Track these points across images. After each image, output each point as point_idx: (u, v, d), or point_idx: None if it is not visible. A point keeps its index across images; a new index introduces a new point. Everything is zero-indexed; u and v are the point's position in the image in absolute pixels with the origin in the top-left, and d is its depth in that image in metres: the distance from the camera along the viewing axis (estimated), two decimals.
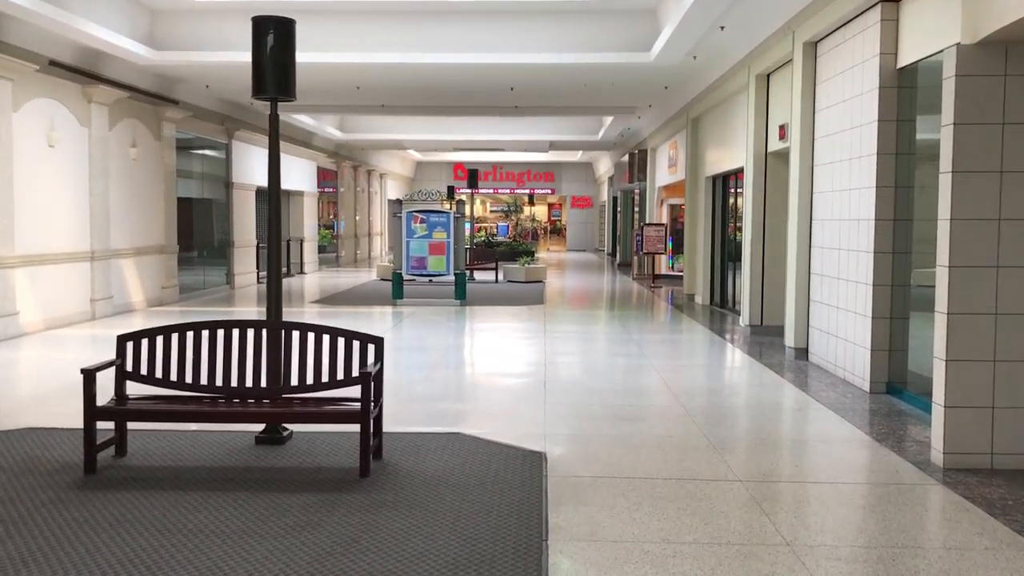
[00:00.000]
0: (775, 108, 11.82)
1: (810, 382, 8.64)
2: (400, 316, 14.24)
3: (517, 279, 21.81)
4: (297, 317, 14.24)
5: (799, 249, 10.03)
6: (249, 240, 20.39)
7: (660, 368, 9.32)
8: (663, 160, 22.40)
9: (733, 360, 10.22)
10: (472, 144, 29.09)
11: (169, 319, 13.73)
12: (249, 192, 20.41)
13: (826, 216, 9.35)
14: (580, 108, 19.98)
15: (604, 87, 16.58)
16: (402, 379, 8.61)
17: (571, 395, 7.86)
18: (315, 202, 26.15)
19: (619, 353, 10.44)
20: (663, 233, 21.63)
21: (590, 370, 9.26)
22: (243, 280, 19.92)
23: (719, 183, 16.09)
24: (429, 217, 15.94)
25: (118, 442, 5.71)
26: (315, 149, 25.77)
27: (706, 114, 16.55)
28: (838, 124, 9.01)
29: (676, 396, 7.84)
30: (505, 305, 16.09)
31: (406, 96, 18.15)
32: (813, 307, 9.74)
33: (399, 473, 5.41)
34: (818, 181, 9.65)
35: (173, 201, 16.28)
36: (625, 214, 29.60)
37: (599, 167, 39.28)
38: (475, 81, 15.98)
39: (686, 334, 12.45)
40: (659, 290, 19.80)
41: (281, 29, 5.87)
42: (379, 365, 5.72)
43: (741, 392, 8.30)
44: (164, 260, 15.98)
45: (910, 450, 6.10)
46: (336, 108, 20.12)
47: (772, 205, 12.13)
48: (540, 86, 16.59)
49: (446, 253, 15.89)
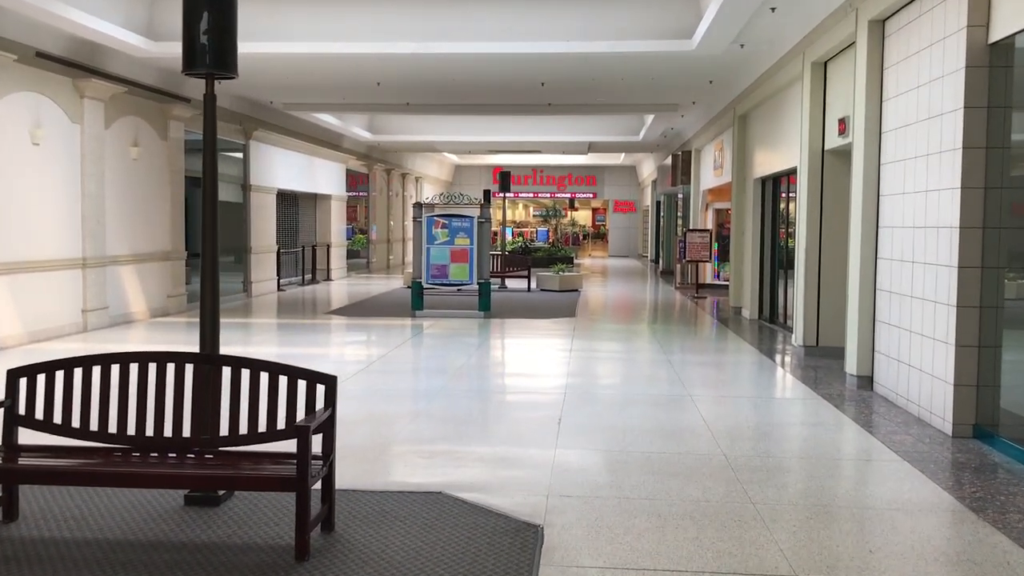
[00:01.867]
0: (833, 100, 10.41)
1: (877, 421, 7.24)
2: (414, 331, 13.07)
3: (551, 288, 20.53)
4: (303, 329, 13.13)
5: (863, 261, 8.61)
6: (268, 246, 19.39)
7: (700, 400, 7.98)
8: (708, 162, 20.96)
9: (785, 390, 8.83)
10: (507, 146, 27.83)
11: (171, 331, 12.72)
12: (269, 195, 19.42)
13: (896, 222, 7.94)
14: (618, 106, 18.64)
15: (642, 82, 15.25)
16: (392, 412, 7.40)
17: (589, 437, 6.57)
18: (342, 206, 25.14)
19: (653, 379, 9.11)
20: (708, 239, 20.20)
21: (616, 403, 7.95)
22: (261, 288, 18.92)
23: (769, 186, 14.66)
24: (451, 222, 14.74)
25: (6, 504, 4.56)
26: (344, 151, 24.77)
27: (754, 110, 15.13)
28: (911, 114, 7.61)
29: (717, 440, 6.51)
30: (532, 318, 14.83)
31: (431, 94, 17.00)
32: (879, 329, 8.32)
33: (349, 555, 4.18)
34: (886, 181, 8.24)
35: (181, 205, 15.30)
36: (668, 219, 28.14)
37: (642, 170, 37.82)
38: (502, 75, 14.77)
39: (731, 355, 11.07)
40: (703, 301, 18.37)
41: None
42: (329, 412, 4.51)
43: (795, 434, 6.93)
44: (170, 267, 15.00)
45: (1017, 526, 4.72)
46: (359, 107, 19.04)
47: (830, 209, 10.71)
48: (573, 80, 15.31)
49: (469, 260, 14.68)
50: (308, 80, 15.40)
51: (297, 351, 10.86)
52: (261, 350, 10.83)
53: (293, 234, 22.67)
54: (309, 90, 16.72)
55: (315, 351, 11.11)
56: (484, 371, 9.64)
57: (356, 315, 15.02)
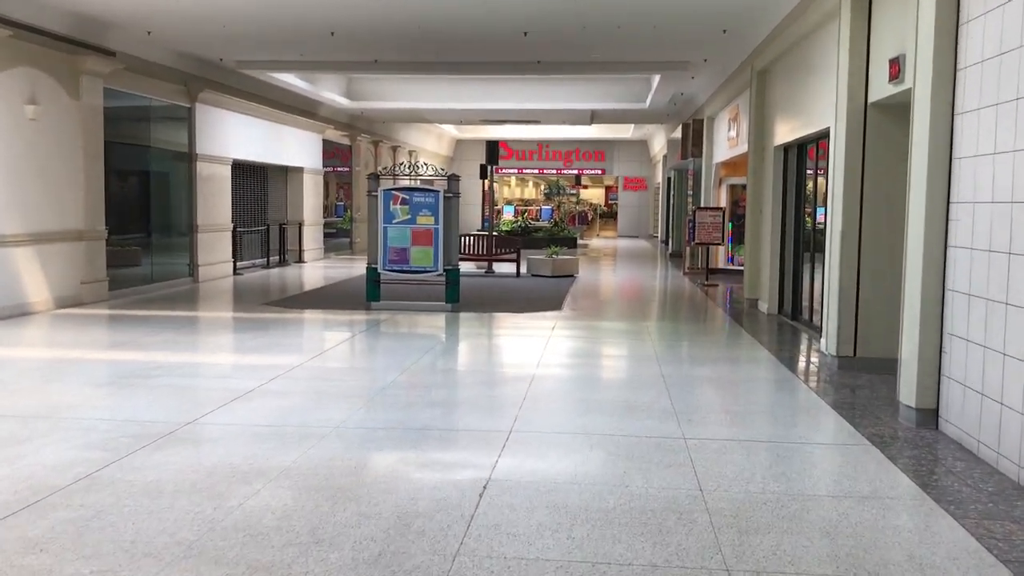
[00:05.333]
0: (882, 35, 7.98)
1: (958, 490, 4.88)
2: (356, 330, 10.78)
3: (542, 273, 18.19)
4: (217, 326, 10.84)
5: (927, 249, 6.22)
6: (220, 223, 17.09)
7: (698, 447, 5.64)
8: (721, 131, 18.48)
9: (817, 428, 6.45)
10: (503, 115, 25.30)
11: (72, 327, 10.48)
12: (221, 166, 17.10)
13: (980, 196, 5.55)
14: (619, 64, 16.16)
15: (643, 32, 12.80)
16: (240, 470, 5.10)
17: (521, 535, 4.26)
18: (318, 180, 22.81)
19: (637, 410, 6.76)
20: (720, 219, 17.76)
21: (578, 454, 5.63)
22: (212, 272, 16.66)
23: (793, 155, 12.22)
24: (412, 197, 12.38)
25: None
26: (322, 120, 22.41)
27: (776, 64, 12.66)
28: (1007, 38, 5.20)
29: (718, 533, 4.17)
30: (509, 311, 12.50)
31: (398, 48, 14.62)
32: (952, 346, 5.95)
33: None
34: (963, 138, 5.84)
35: (99, 176, 12.99)
36: (679, 197, 25.66)
37: (654, 145, 35.27)
38: (476, 22, 12.37)
39: (744, 368, 8.69)
40: (713, 290, 15.98)
41: None
42: None
43: (840, 520, 4.53)
44: (85, 249, 12.72)
45: None
46: (321, 66, 16.64)
47: (874, 180, 8.31)
48: (560, 31, 12.89)
49: (433, 243, 12.32)
50: (253, 29, 13.04)
51: (179, 359, 8.58)
52: (128, 356, 8.56)
53: (260, 211, 20.38)
54: (259, 44, 14.37)
55: (206, 359, 8.80)
56: (412, 395, 7.30)
57: (299, 307, 12.71)
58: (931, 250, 6.18)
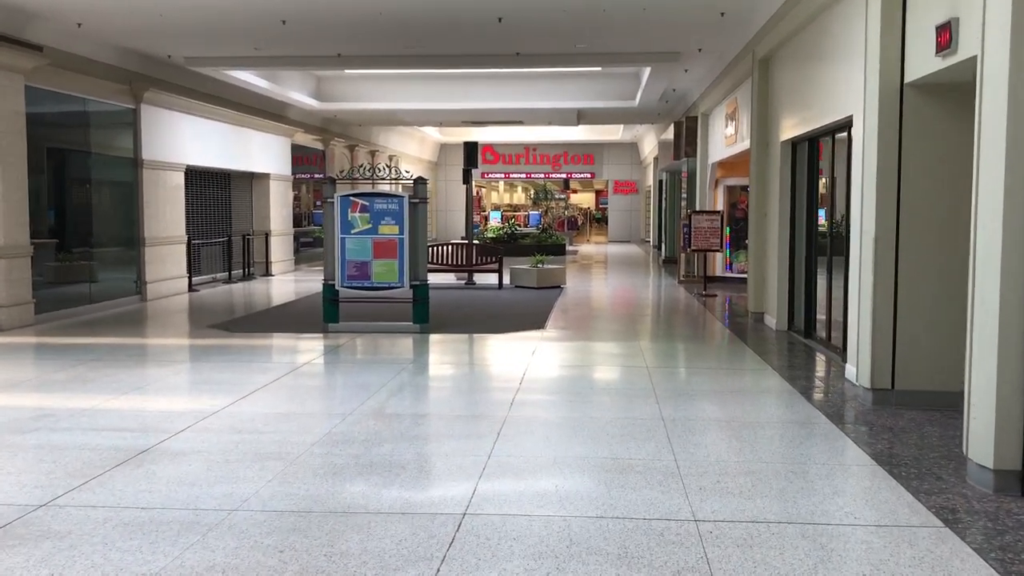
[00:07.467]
0: (921, 1, 6.56)
1: None
2: (304, 358, 9.32)
3: (526, 284, 16.74)
4: (143, 356, 9.26)
5: (1006, 258, 4.79)
6: (172, 236, 15.58)
7: (713, 535, 4.20)
8: (718, 128, 17.07)
9: (862, 498, 4.99)
10: (484, 115, 23.80)
11: None
12: (172, 172, 15.60)
13: None
14: (605, 55, 14.74)
15: (630, 17, 11.42)
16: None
17: None
18: (287, 187, 21.31)
19: (632, 471, 5.30)
20: (718, 223, 16.35)
21: (548, 560, 4.19)
22: (161, 288, 15.14)
23: (802, 151, 10.80)
24: (374, 203, 10.91)
25: None
26: (291, 123, 20.94)
27: (782, 50, 11.25)
28: None
29: None
30: (485, 332, 11.05)
31: (364, 40, 13.18)
32: None
33: None
34: None
35: (22, 184, 11.49)
36: (672, 200, 24.23)
37: (644, 147, 33.88)
38: (446, 6, 10.93)
39: (759, 405, 7.21)
40: (712, 301, 14.56)
41: None
42: None
43: None
44: (4, 267, 11.23)
45: None
46: (280, 61, 15.15)
47: (914, 174, 6.87)
48: (539, 17, 11.48)
49: (398, 255, 10.86)
50: (194, 19, 11.59)
51: (78, 403, 7.08)
52: (15, 400, 7.08)
53: (222, 221, 18.89)
54: (207, 38, 12.92)
55: (111, 404, 7.22)
56: (346, 454, 5.81)
57: (247, 330, 11.21)
58: (1010, 259, 4.76)
